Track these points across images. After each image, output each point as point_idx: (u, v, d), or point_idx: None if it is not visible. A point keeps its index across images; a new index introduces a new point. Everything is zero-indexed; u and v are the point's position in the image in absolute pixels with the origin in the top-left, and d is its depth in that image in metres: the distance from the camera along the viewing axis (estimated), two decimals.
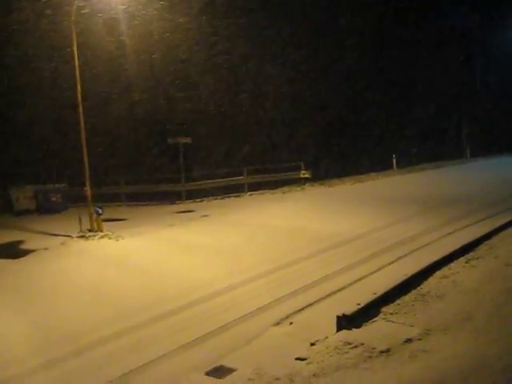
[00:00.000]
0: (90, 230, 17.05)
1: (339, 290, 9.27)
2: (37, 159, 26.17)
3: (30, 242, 17.09)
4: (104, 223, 17.36)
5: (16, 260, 14.76)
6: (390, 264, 10.89)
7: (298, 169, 27.28)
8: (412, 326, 6.68)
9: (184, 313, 8.77)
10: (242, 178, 25.69)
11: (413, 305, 7.58)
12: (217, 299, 9.34)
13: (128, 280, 11.43)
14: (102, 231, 16.95)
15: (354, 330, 6.73)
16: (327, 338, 6.70)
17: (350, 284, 9.59)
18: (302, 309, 8.45)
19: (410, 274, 8.53)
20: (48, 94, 25.30)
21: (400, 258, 11.35)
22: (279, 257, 12.14)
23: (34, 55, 24.90)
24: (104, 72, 25.36)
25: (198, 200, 24.18)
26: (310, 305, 8.61)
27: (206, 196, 24.52)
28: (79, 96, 17.35)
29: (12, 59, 25.06)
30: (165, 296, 9.75)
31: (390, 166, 32.72)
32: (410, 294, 8.00)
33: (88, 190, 17.62)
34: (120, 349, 7.47)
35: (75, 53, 17.16)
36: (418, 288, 8.29)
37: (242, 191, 25.47)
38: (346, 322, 6.85)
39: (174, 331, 7.93)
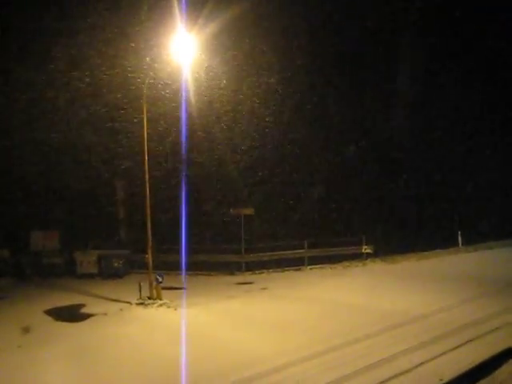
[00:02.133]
0: (149, 298, 17.10)
1: (400, 375, 8.70)
2: (103, 224, 26.89)
3: (90, 306, 17.31)
4: (163, 291, 17.36)
5: (75, 324, 14.93)
6: (456, 348, 10.19)
7: (360, 243, 26.75)
8: None
9: None
10: (302, 251, 25.38)
11: None
12: (268, 378, 8.98)
13: (180, 351, 11.23)
14: (161, 299, 16.94)
15: None
16: None
17: (412, 368, 8.99)
18: None
19: (479, 360, 7.93)
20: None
21: (468, 341, 10.64)
22: (336, 335, 11.62)
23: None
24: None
25: (258, 272, 23.99)
26: None
27: (266, 268, 24.29)
28: (146, 168, 17.89)
29: None
30: (218, 369, 9.47)
31: (456, 243, 31.59)
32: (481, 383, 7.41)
33: (149, 257, 17.80)
34: None
35: (145, 123, 17.85)
36: (490, 376, 7.66)
37: (302, 265, 25.10)
38: None
39: None
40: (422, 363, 9.19)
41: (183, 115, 22.31)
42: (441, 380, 7.14)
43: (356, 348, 10.56)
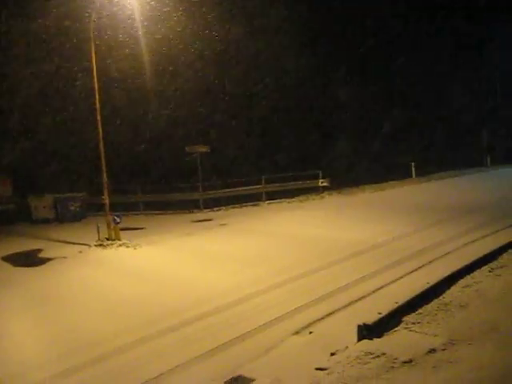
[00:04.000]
0: (108, 239, 17.06)
1: (360, 299, 9.09)
2: (56, 168, 26.38)
3: (49, 250, 17.16)
4: (122, 232, 17.35)
5: (34, 268, 14.82)
6: (411, 273, 10.68)
7: (316, 177, 27.07)
8: (435, 336, 6.48)
9: (200, 322, 8.66)
10: (259, 186, 25.56)
11: (435, 314, 7.36)
12: (234, 309, 9.22)
13: (143, 288, 11.37)
14: (119, 240, 16.94)
15: (375, 339, 6.53)
16: (348, 347, 6.52)
17: (371, 293, 9.40)
18: (322, 318, 8.29)
19: (432, 283, 8.31)
20: (65, 104, 25.57)
21: (421, 266, 11.14)
22: (297, 265, 11.99)
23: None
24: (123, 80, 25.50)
25: (216, 209, 24.11)
26: (330, 314, 8.45)
27: (224, 205, 24.44)
28: (98, 104, 17.45)
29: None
30: (180, 306, 9.66)
31: (409, 174, 32.39)
32: (432, 304, 7.77)
33: (106, 199, 17.66)
34: (136, 359, 7.38)
35: (94, 66, 17.30)
36: (441, 297, 8.05)
37: (260, 200, 25.34)
38: (366, 331, 6.65)
39: (191, 341, 7.84)
40: (379, 288, 9.62)
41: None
42: (396, 303, 7.45)
43: (316, 277, 10.95)
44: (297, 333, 7.78)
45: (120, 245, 16.59)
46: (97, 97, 17.44)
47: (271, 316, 8.52)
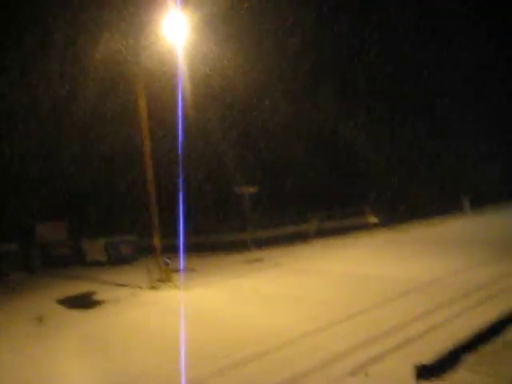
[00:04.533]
0: (159, 281, 17.16)
1: (416, 338, 8.69)
2: (108, 212, 26.97)
3: (102, 293, 17.40)
4: (173, 274, 17.42)
5: (88, 310, 15.03)
6: (470, 310, 10.23)
7: (364, 214, 26.74)
8: (498, 378, 6.13)
9: (254, 363, 8.48)
10: (307, 225, 25.41)
11: (498, 354, 6.99)
12: (289, 348, 9.00)
13: (195, 330, 11.27)
14: (171, 282, 17.00)
15: (433, 380, 6.25)
16: None
17: (428, 331, 9.01)
18: (378, 358, 7.98)
19: (493, 320, 7.93)
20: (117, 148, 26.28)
21: (481, 303, 10.67)
22: (351, 304, 11.68)
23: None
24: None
25: (266, 248, 24.02)
26: (386, 354, 8.11)
27: (274, 244, 24.32)
28: (148, 149, 17.81)
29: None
30: (232, 347, 9.50)
31: (461, 208, 31.57)
32: (494, 343, 7.40)
33: (156, 241, 17.84)
34: None
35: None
36: (503, 336, 7.66)
37: (309, 238, 25.13)
38: (425, 371, 6.37)
39: (246, 381, 7.68)
40: (436, 326, 9.24)
41: (179, 96, 22.16)
42: (455, 341, 7.12)
43: (370, 315, 10.59)
44: (352, 374, 7.50)
45: (171, 286, 16.64)
46: (147, 142, 17.85)
47: (326, 356, 8.27)
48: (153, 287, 16.90)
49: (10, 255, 25.54)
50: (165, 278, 17.19)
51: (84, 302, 16.50)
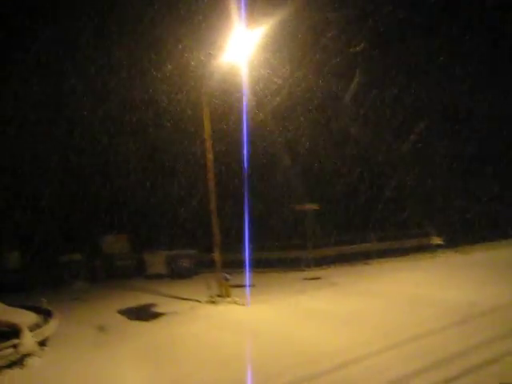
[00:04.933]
0: (218, 296, 17.20)
1: (481, 366, 8.25)
2: (170, 224, 27.41)
3: (162, 305, 17.62)
4: (232, 289, 17.42)
5: (148, 322, 15.23)
6: None
7: (428, 235, 26.00)
8: None
9: (311, 383, 8.32)
10: (369, 244, 24.93)
11: None
12: (344, 370, 8.78)
13: (253, 346, 11.21)
14: (230, 297, 17.00)
15: None
16: None
17: (495, 360, 8.53)
18: None
19: None
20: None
21: None
22: (410, 328, 11.27)
23: None
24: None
25: (325, 267, 23.71)
26: (449, 381, 7.78)
27: (333, 263, 23.99)
28: (210, 163, 17.99)
29: None
30: (290, 365, 9.36)
31: None
32: None
33: (217, 256, 17.92)
34: None
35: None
36: None
37: (370, 258, 24.63)
38: None
39: None
40: (503, 355, 8.77)
41: (244, 113, 22.33)
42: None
43: (426, 342, 10.17)
44: None
45: (230, 302, 16.62)
46: (210, 156, 18.05)
47: (383, 380, 8.00)
48: (212, 302, 16.94)
49: (75, 265, 26.33)
50: (224, 293, 17.21)
51: (144, 313, 16.75)
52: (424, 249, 25.89)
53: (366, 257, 24.75)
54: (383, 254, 24.96)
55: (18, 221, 27.42)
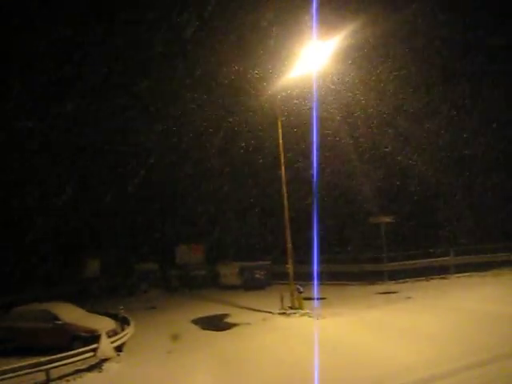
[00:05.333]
0: (290, 308, 17.11)
1: None
2: (243, 237, 27.64)
3: (234, 316, 17.76)
4: (304, 301, 17.27)
5: (220, 332, 15.38)
6: None
7: (510, 250, 24.72)
8: None
9: None
10: (447, 258, 23.99)
11: None
12: None
13: (323, 361, 11.00)
14: (302, 309, 16.87)
15: None
16: None
17: None
18: None
19: None
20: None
21: None
22: (487, 348, 10.67)
23: None
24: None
25: (401, 281, 23.02)
26: None
27: (409, 277, 23.25)
28: (283, 179, 18.02)
29: None
30: (361, 379, 9.17)
31: None
32: None
33: (290, 268, 17.84)
34: None
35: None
36: None
37: (448, 273, 23.69)
38: None
39: None
40: None
41: (314, 125, 22.23)
42: None
43: (508, 364, 9.64)
44: None
45: (302, 314, 16.49)
46: (283, 169, 18.09)
47: None
48: (284, 313, 16.87)
49: (151, 274, 26.98)
50: (296, 305, 17.10)
51: (217, 323, 16.93)
52: (506, 264, 24.64)
53: (443, 271, 23.84)
54: (462, 269, 23.96)
55: (98, 230, 28.47)
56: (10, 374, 11.12)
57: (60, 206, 26.64)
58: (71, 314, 15.07)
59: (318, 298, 19.50)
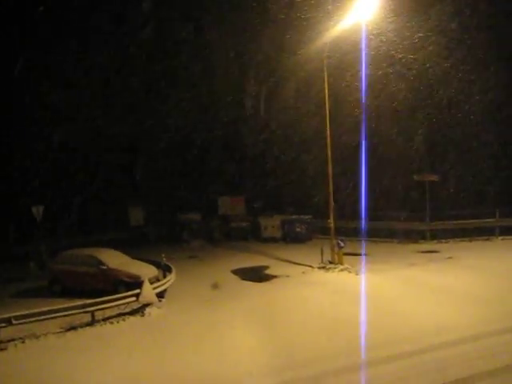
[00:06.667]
0: (330, 262, 17.16)
1: None
2: (285, 190, 27.66)
3: (274, 268, 17.93)
4: (344, 257, 17.27)
5: (259, 283, 15.58)
6: None
7: None
8: None
9: (420, 357, 8.09)
10: (492, 220, 23.45)
11: None
12: (459, 347, 8.44)
13: (362, 315, 11.10)
14: (342, 264, 16.89)
15: None
16: None
17: None
18: None
19: None
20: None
21: None
22: None
23: None
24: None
25: (443, 241, 22.72)
26: None
27: (452, 237, 22.91)
28: (328, 133, 17.78)
29: None
30: (400, 337, 9.18)
31: None
32: None
33: (331, 223, 17.79)
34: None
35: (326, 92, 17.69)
36: None
37: (493, 235, 23.21)
38: None
39: (409, 375, 7.34)
40: None
41: (363, 77, 21.72)
42: None
43: None
44: None
45: (342, 269, 16.53)
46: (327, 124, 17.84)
47: (500, 362, 7.57)
48: (324, 268, 16.94)
49: (193, 224, 27.38)
50: (336, 260, 17.12)
51: (256, 274, 17.14)
52: None
53: (488, 232, 23.36)
54: (507, 231, 23.42)
55: (140, 178, 28.92)
56: (59, 313, 11.72)
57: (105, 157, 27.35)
58: (115, 260, 15.58)
59: (359, 254, 19.52)
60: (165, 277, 15.15)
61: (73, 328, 11.73)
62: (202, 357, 8.94)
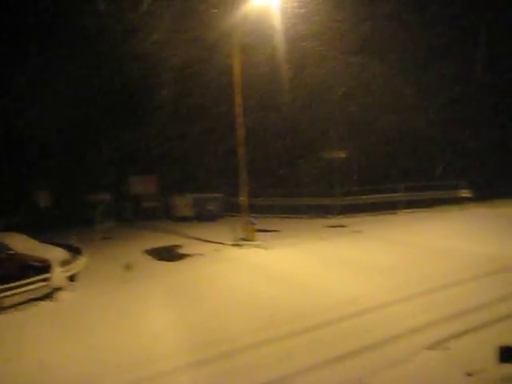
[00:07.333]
0: (243, 239, 17.49)
1: (501, 319, 8.33)
2: (196, 168, 27.68)
3: (187, 247, 18.04)
4: (257, 233, 17.67)
5: (174, 262, 15.66)
6: None
7: (458, 187, 25.62)
8: None
9: (330, 327, 8.52)
10: (397, 194, 24.73)
11: None
12: (364, 316, 8.95)
13: (273, 289, 11.46)
14: (254, 241, 17.28)
15: None
16: (486, 370, 6.02)
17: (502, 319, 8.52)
18: (458, 335, 7.72)
19: None
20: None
21: None
22: (432, 278, 11.34)
23: None
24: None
25: (350, 216, 23.71)
26: (467, 332, 7.82)
27: (359, 212, 23.95)
28: (239, 109, 17.95)
29: None
30: (309, 309, 9.60)
31: None
32: None
33: (244, 201, 18.09)
34: (264, 358, 7.44)
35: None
36: None
37: (397, 209, 24.49)
38: (509, 354, 6.04)
39: (320, 345, 7.73)
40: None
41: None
42: None
43: (453, 292, 10.19)
44: (430, 348, 7.33)
45: (254, 246, 16.92)
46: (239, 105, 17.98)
47: (404, 328, 8.14)
48: (236, 245, 17.26)
49: (104, 205, 26.90)
50: (249, 236, 17.49)
51: (170, 254, 17.19)
52: (452, 201, 25.53)
53: (393, 207, 24.58)
54: (411, 205, 24.75)
55: (47, 160, 27.91)
56: None
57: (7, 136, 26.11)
58: (23, 244, 15.01)
59: (271, 230, 20.01)
60: (75, 259, 14.87)
61: None
62: (117, 340, 8.90)
